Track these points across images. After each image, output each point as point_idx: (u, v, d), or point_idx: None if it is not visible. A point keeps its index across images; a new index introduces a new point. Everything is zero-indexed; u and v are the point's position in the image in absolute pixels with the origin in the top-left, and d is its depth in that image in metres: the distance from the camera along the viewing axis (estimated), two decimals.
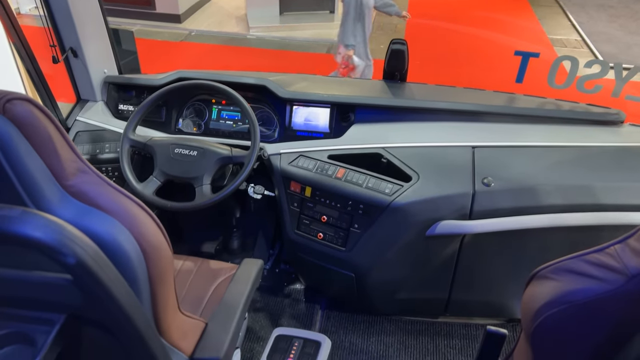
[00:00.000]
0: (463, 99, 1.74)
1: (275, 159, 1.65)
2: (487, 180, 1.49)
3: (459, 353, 1.76)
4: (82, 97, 1.82)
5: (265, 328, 1.87)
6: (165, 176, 1.56)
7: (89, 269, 0.58)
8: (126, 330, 0.67)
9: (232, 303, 1.20)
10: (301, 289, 2.03)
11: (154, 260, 0.79)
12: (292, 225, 1.67)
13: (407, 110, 1.69)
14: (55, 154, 0.70)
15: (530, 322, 0.71)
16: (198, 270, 1.49)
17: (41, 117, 0.68)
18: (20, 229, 0.54)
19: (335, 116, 1.73)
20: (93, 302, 0.63)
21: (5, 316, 0.65)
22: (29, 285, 0.63)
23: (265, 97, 1.78)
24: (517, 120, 1.66)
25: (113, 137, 1.74)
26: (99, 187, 0.74)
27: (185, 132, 1.81)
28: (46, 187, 0.68)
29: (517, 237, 1.55)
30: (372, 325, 1.87)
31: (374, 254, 1.56)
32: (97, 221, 0.71)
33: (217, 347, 1.07)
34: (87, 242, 0.59)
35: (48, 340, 0.62)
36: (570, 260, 0.71)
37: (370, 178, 1.53)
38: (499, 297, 1.74)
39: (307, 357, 1.42)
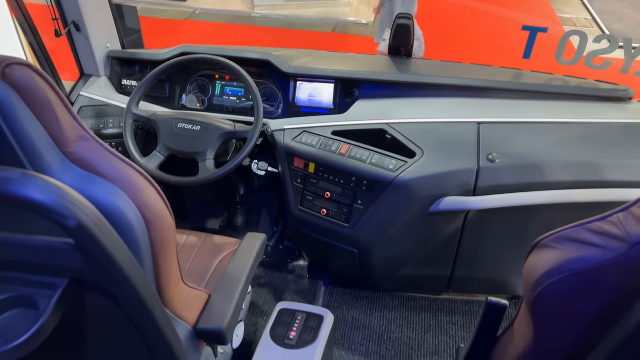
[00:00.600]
0: (469, 75, 1.71)
1: (279, 135, 1.65)
2: (492, 156, 1.48)
3: (461, 329, 1.77)
4: (86, 72, 1.82)
5: (269, 303, 1.88)
6: (168, 151, 1.56)
7: (90, 233, 0.58)
8: (128, 295, 0.68)
9: (235, 275, 1.21)
10: (305, 265, 2.05)
11: (157, 230, 0.79)
12: (296, 202, 1.67)
13: (412, 85, 1.67)
14: (55, 120, 0.69)
15: (530, 291, 0.71)
16: (202, 245, 1.49)
17: (41, 82, 0.68)
18: (20, 191, 0.54)
19: (340, 92, 1.72)
20: (95, 267, 0.63)
21: (9, 280, 0.66)
22: (32, 250, 0.63)
23: (269, 73, 1.77)
24: (523, 96, 1.64)
25: (117, 112, 1.74)
26: (100, 155, 0.74)
27: (188, 108, 1.80)
28: (47, 153, 0.68)
29: (521, 214, 1.54)
30: (375, 301, 1.88)
31: (377, 230, 1.57)
32: (99, 188, 0.71)
33: (220, 317, 1.08)
34: (88, 205, 0.60)
35: (51, 303, 0.63)
36: (572, 229, 0.70)
37: (374, 154, 1.53)
38: (502, 274, 1.75)
39: (310, 330, 1.43)
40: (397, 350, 1.69)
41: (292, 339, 1.40)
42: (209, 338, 1.09)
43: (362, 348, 1.70)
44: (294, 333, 1.42)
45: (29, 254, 0.64)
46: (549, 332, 0.73)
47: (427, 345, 1.71)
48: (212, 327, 1.06)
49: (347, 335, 1.75)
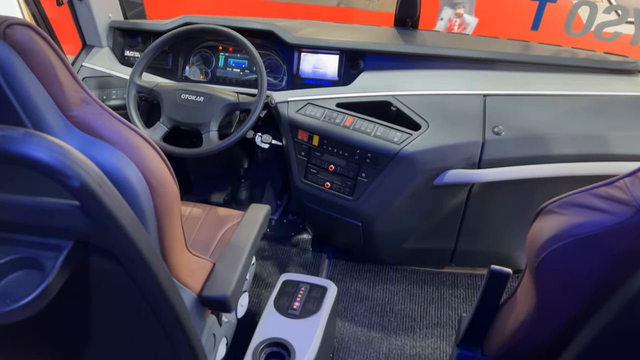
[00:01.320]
0: (475, 47, 1.69)
1: (283, 107, 1.63)
2: (498, 129, 1.47)
3: (463, 302, 1.79)
4: (88, 43, 1.80)
5: (273, 275, 1.90)
6: (172, 122, 1.56)
7: (93, 193, 0.58)
8: (132, 258, 0.68)
9: (239, 245, 1.21)
10: (308, 238, 2.06)
11: (161, 195, 0.79)
12: (300, 175, 1.67)
13: (418, 57, 1.65)
14: (57, 83, 0.69)
15: (534, 256, 0.71)
16: (206, 216, 1.50)
17: (42, 43, 0.67)
18: (22, 149, 0.54)
19: (344, 63, 1.70)
20: (99, 228, 0.63)
21: (14, 242, 0.67)
22: (37, 211, 0.63)
23: (272, 44, 1.75)
24: (530, 68, 1.62)
25: (120, 83, 1.72)
26: (103, 119, 0.74)
27: (191, 80, 1.79)
28: (49, 115, 0.68)
29: (526, 187, 1.54)
30: (377, 274, 1.90)
31: (381, 203, 1.56)
32: (102, 152, 0.71)
33: (224, 285, 1.09)
34: (91, 166, 0.59)
35: (56, 265, 0.63)
36: (577, 194, 0.70)
37: (379, 126, 1.51)
38: (505, 247, 1.75)
39: (314, 301, 1.44)
40: (399, 322, 1.71)
41: (296, 309, 1.42)
42: (213, 305, 1.10)
43: (364, 319, 1.72)
44: (298, 303, 1.44)
45: (34, 216, 0.64)
46: (552, 297, 0.73)
47: (429, 317, 1.73)
48: (216, 294, 1.07)
49: (350, 307, 1.77)
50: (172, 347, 0.91)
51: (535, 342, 0.83)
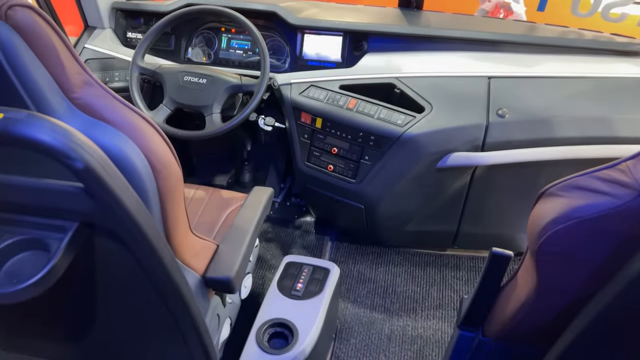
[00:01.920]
0: (481, 28, 1.67)
1: (286, 89, 1.63)
2: (502, 111, 1.46)
3: (465, 284, 1.80)
4: (90, 24, 1.78)
5: (276, 257, 1.91)
6: (175, 104, 1.55)
7: (97, 175, 0.59)
8: (137, 239, 0.69)
9: (243, 227, 1.22)
10: (311, 221, 2.07)
11: (164, 177, 0.80)
12: (303, 157, 1.67)
13: (422, 38, 1.63)
14: (60, 65, 0.69)
15: (536, 238, 0.72)
16: (210, 199, 1.51)
17: (44, 25, 0.66)
18: (26, 132, 0.54)
19: (348, 45, 1.68)
20: (103, 210, 0.64)
21: (20, 223, 0.67)
22: (42, 193, 0.64)
23: (275, 25, 1.73)
24: (536, 50, 1.60)
25: (122, 65, 1.72)
26: (105, 101, 0.74)
27: (194, 62, 1.78)
28: (52, 98, 0.68)
29: (529, 170, 1.54)
30: (380, 256, 1.91)
31: (384, 186, 1.57)
32: (105, 134, 0.71)
33: (228, 267, 1.10)
34: (94, 148, 0.60)
35: (61, 246, 0.64)
36: (580, 177, 0.70)
37: (382, 109, 1.51)
38: (507, 230, 1.76)
39: (316, 282, 1.46)
40: (401, 303, 1.73)
41: (299, 290, 1.43)
42: (217, 287, 1.11)
43: (367, 301, 1.74)
44: (301, 284, 1.45)
45: (38, 197, 0.65)
46: (552, 279, 0.74)
47: (431, 298, 1.74)
48: (220, 275, 1.08)
49: (353, 289, 1.79)
50: (177, 327, 0.93)
51: (536, 323, 0.84)
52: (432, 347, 1.60)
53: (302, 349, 1.28)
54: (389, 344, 1.61)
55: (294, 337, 1.31)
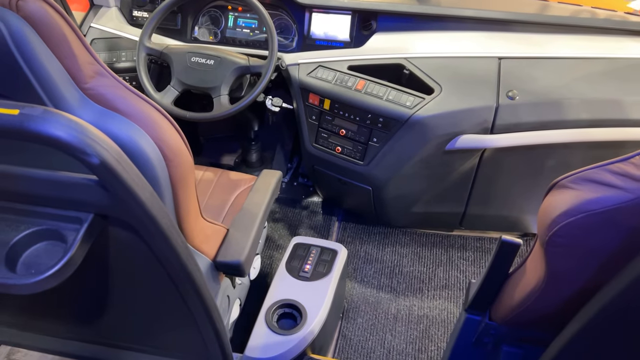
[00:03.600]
0: (491, 7, 1.63)
1: (294, 70, 1.61)
2: (512, 93, 1.45)
3: (471, 264, 1.81)
4: (95, 3, 1.76)
5: (284, 237, 1.93)
6: (182, 85, 1.55)
7: (112, 169, 0.59)
8: (150, 229, 0.70)
9: (252, 211, 1.23)
10: (319, 201, 2.08)
11: (175, 166, 0.80)
12: (310, 139, 1.67)
13: (432, 17, 1.60)
14: (72, 56, 0.68)
15: (546, 229, 0.72)
16: (218, 181, 1.51)
17: (56, 16, 0.66)
18: (42, 128, 0.55)
19: (356, 24, 1.66)
20: (117, 202, 0.65)
21: (36, 214, 0.68)
22: (58, 185, 0.65)
23: (282, 3, 1.70)
24: (548, 29, 1.57)
25: (129, 45, 1.70)
26: (117, 91, 0.74)
27: (201, 41, 1.76)
28: (64, 89, 0.68)
29: (538, 152, 1.53)
30: (387, 237, 1.92)
31: (392, 168, 1.57)
32: (117, 124, 0.71)
33: (238, 251, 1.11)
34: (109, 142, 0.60)
35: (78, 237, 0.65)
36: (592, 170, 0.70)
37: (391, 90, 1.50)
38: (515, 211, 1.76)
39: (324, 263, 1.47)
40: (407, 283, 1.75)
41: (307, 272, 1.45)
42: (228, 270, 1.13)
43: (373, 281, 1.76)
44: (309, 266, 1.47)
45: (54, 189, 0.65)
46: (562, 270, 0.74)
47: (437, 279, 1.76)
48: (230, 259, 1.09)
49: (360, 269, 1.81)
50: (189, 311, 0.94)
51: (543, 310, 0.85)
52: (437, 326, 1.62)
53: (310, 330, 1.31)
54: (395, 324, 1.63)
55: (302, 318, 1.33)
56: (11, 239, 0.67)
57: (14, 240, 0.67)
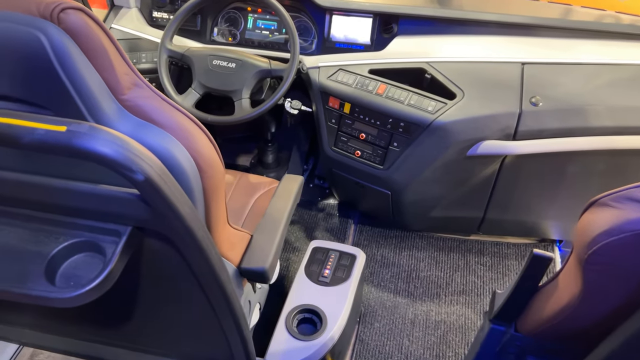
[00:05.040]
0: (514, 11, 1.62)
1: (314, 73, 1.61)
2: (535, 99, 1.43)
3: (489, 270, 1.81)
4: (116, 4, 1.76)
5: (300, 240, 1.93)
6: (204, 88, 1.54)
7: (155, 185, 0.59)
8: (187, 242, 0.70)
9: (276, 217, 1.23)
10: (335, 203, 2.07)
11: (209, 177, 0.80)
12: (329, 142, 1.66)
13: (454, 21, 1.59)
14: (110, 67, 0.68)
15: (584, 248, 0.71)
16: (238, 184, 1.51)
17: (95, 28, 0.66)
18: (89, 145, 0.55)
19: (377, 27, 1.65)
20: (158, 216, 0.65)
21: (75, 226, 0.68)
22: (98, 198, 0.65)
23: (303, 6, 1.69)
24: (572, 34, 1.56)
25: (149, 46, 1.70)
26: (153, 102, 0.74)
27: (219, 42, 1.76)
28: (104, 101, 0.67)
29: (561, 159, 1.52)
30: (403, 240, 1.92)
31: (412, 172, 1.56)
32: (154, 136, 0.71)
33: (263, 258, 1.11)
34: (153, 159, 0.60)
35: (117, 250, 0.65)
36: (634, 189, 0.69)
37: (413, 95, 1.49)
38: (534, 217, 1.75)
39: (343, 268, 1.47)
40: (425, 288, 1.74)
41: (326, 277, 1.45)
42: (252, 277, 1.13)
43: (390, 285, 1.76)
44: (328, 271, 1.47)
45: (95, 203, 0.65)
46: (599, 288, 0.74)
47: (454, 284, 1.76)
48: (255, 266, 1.09)
49: (376, 273, 1.80)
50: (216, 318, 0.94)
51: (575, 326, 0.84)
52: (455, 332, 1.62)
53: (331, 336, 1.31)
54: (412, 329, 1.63)
55: (322, 324, 1.33)
56: (51, 250, 0.67)
57: (54, 252, 0.67)
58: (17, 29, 0.61)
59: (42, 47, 0.61)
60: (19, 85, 0.65)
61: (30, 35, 0.61)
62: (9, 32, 0.61)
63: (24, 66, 0.63)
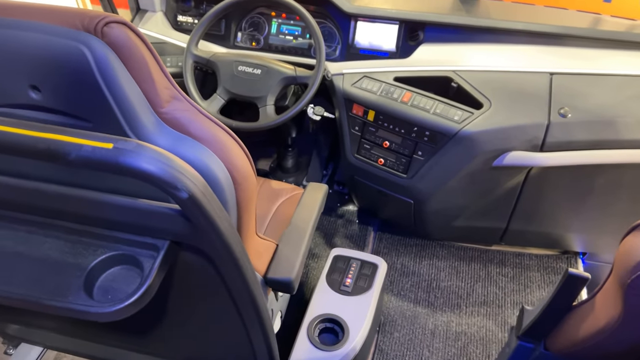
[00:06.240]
0: (543, 20, 1.60)
1: (338, 80, 1.60)
2: (564, 110, 1.41)
3: (510, 281, 1.78)
4: (141, 7, 1.77)
5: (319, 246, 1.92)
6: (229, 94, 1.54)
7: (198, 203, 0.59)
8: (224, 257, 0.69)
9: (301, 226, 1.22)
10: (354, 210, 2.06)
11: (243, 190, 0.80)
12: (352, 149, 1.65)
13: (481, 30, 1.57)
14: (150, 80, 0.68)
15: (627, 272, 0.69)
16: (260, 190, 1.51)
17: (138, 42, 0.65)
18: (135, 162, 0.54)
19: (403, 34, 1.63)
20: (198, 232, 0.64)
21: (114, 239, 0.68)
22: (140, 213, 0.64)
23: (328, 12, 1.68)
24: (602, 45, 1.53)
25: (174, 50, 1.70)
26: (191, 115, 0.73)
27: (243, 47, 1.75)
28: (143, 114, 0.67)
29: (588, 171, 1.49)
30: (424, 249, 1.90)
31: (436, 182, 1.54)
32: (192, 149, 0.71)
33: (289, 268, 1.11)
34: (196, 176, 0.59)
35: (155, 264, 0.64)
36: None
37: (439, 103, 1.47)
38: (558, 229, 1.72)
39: (365, 278, 1.46)
40: (445, 298, 1.73)
41: (348, 286, 1.44)
42: (278, 287, 1.12)
43: (410, 294, 1.74)
44: (350, 280, 1.46)
45: (136, 217, 0.65)
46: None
47: (475, 294, 1.74)
48: (281, 277, 1.09)
49: (396, 281, 1.79)
50: (245, 328, 0.94)
51: (611, 348, 0.82)
52: (476, 344, 1.60)
53: (353, 346, 1.30)
54: (432, 339, 1.61)
55: (344, 334, 1.32)
56: (89, 263, 0.67)
57: (92, 265, 0.67)
58: (62, 42, 0.61)
59: (85, 61, 0.61)
60: (61, 97, 0.65)
61: (74, 49, 0.61)
62: (54, 45, 0.61)
63: (67, 79, 0.63)
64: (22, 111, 0.68)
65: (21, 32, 0.61)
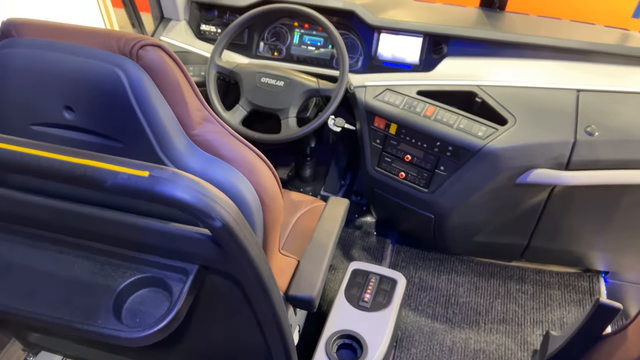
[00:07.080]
0: (570, 35, 1.57)
1: (360, 92, 1.59)
2: (591, 128, 1.39)
3: (530, 298, 1.75)
4: (165, 16, 1.78)
5: (337, 258, 1.91)
6: (251, 105, 1.54)
7: (231, 231, 0.58)
8: (252, 282, 0.68)
9: (323, 242, 1.21)
10: (372, 221, 2.05)
11: (271, 211, 0.79)
12: (373, 162, 1.64)
13: (507, 45, 1.55)
14: (183, 103, 0.68)
15: None
16: None
17: (171, 64, 0.65)
18: (170, 191, 0.54)
19: (427, 47, 1.62)
20: (228, 258, 0.64)
21: (143, 261, 0.68)
22: (170, 236, 0.64)
23: (350, 23, 1.68)
24: (630, 62, 1.50)
25: (196, 59, 1.71)
26: (222, 137, 0.73)
27: (265, 57, 1.75)
28: (175, 137, 0.67)
29: (613, 191, 1.46)
30: (442, 264, 1.88)
31: (458, 197, 1.52)
32: (222, 172, 0.70)
33: (310, 286, 1.10)
34: (230, 204, 0.59)
35: (185, 288, 0.64)
36: None
37: (462, 118, 1.45)
38: (580, 247, 1.69)
39: (384, 294, 1.45)
40: (464, 315, 1.70)
41: (367, 302, 1.43)
42: (299, 304, 1.11)
43: (428, 309, 1.72)
44: (368, 295, 1.44)
45: (165, 240, 0.65)
46: None
47: (494, 311, 1.71)
48: (303, 294, 1.08)
49: (414, 296, 1.77)
50: (267, 346, 0.93)
51: None
52: None
53: None
54: (450, 356, 1.59)
55: (362, 351, 1.31)
56: (118, 285, 0.67)
57: (121, 287, 0.67)
58: (97, 65, 0.61)
59: (120, 83, 0.61)
60: (94, 118, 0.65)
61: (109, 71, 0.61)
62: (90, 67, 0.61)
63: (101, 100, 0.63)
64: (55, 130, 0.69)
65: (59, 53, 0.62)
